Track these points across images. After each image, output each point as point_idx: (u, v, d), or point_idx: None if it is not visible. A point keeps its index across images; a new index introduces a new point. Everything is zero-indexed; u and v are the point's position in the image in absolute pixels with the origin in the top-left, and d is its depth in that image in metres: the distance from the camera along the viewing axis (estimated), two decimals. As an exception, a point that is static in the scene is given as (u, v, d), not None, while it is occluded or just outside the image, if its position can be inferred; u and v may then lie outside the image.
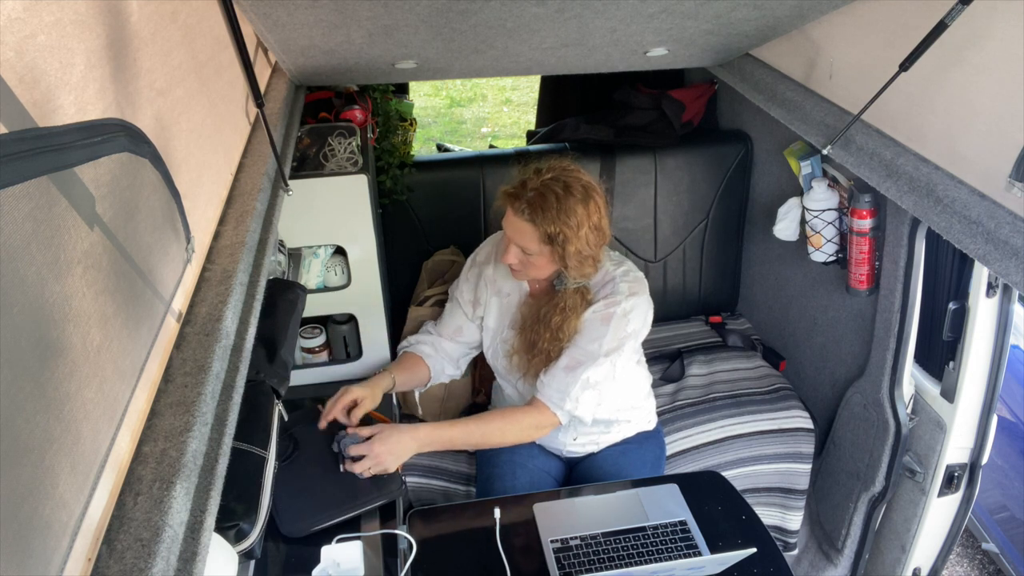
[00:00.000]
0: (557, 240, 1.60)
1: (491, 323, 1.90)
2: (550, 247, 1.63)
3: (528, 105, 6.64)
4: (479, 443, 1.76)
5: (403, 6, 1.31)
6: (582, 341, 1.69)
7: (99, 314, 0.61)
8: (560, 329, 1.70)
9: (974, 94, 1.24)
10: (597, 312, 1.70)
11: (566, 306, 1.71)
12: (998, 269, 1.19)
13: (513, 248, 1.67)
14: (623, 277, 1.73)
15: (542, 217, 1.59)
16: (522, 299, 1.86)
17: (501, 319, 1.89)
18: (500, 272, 1.89)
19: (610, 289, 1.72)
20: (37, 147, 0.51)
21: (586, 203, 1.61)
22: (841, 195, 2.01)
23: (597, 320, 1.70)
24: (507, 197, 1.66)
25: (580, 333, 1.70)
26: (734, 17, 1.55)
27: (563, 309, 1.71)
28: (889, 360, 1.95)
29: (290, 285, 1.65)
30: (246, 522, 1.16)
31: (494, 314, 1.90)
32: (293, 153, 1.72)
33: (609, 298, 1.70)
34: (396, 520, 1.60)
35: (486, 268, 1.92)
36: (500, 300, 1.89)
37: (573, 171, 1.66)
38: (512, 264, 1.70)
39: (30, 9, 0.52)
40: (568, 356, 1.69)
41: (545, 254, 1.65)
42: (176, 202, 0.84)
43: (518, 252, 1.67)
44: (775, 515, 2.32)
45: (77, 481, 0.56)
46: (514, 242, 1.66)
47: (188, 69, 0.94)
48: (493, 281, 1.90)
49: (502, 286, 1.89)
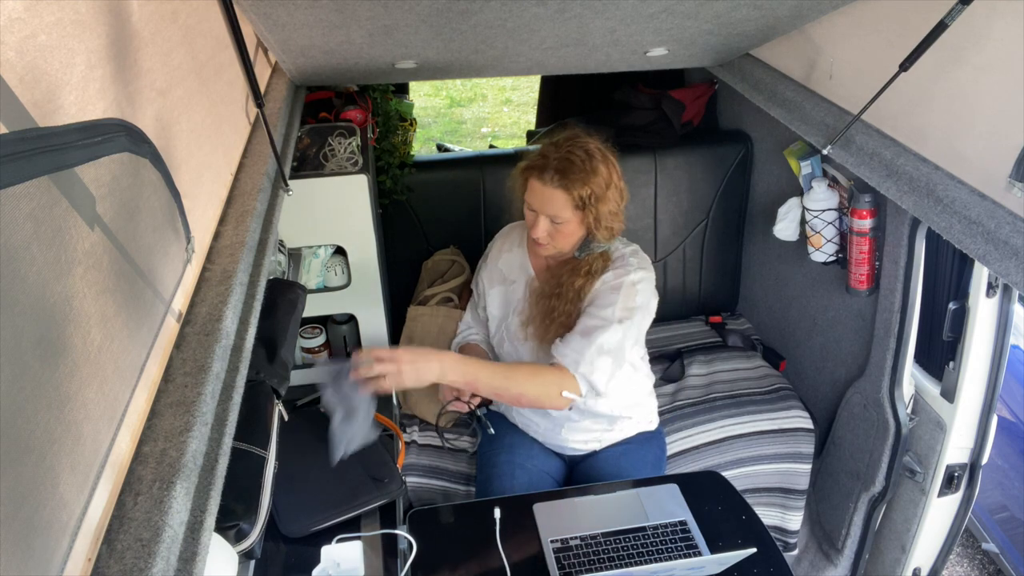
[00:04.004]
0: (590, 202, 1.64)
1: (495, 311, 1.93)
2: (582, 212, 1.66)
3: (528, 105, 6.64)
4: (500, 387, 1.62)
5: (403, 6, 1.31)
6: (594, 309, 1.71)
7: (99, 314, 0.61)
8: (582, 290, 1.73)
9: (974, 94, 1.25)
10: (607, 282, 1.73)
11: (591, 269, 1.74)
12: (998, 269, 1.19)
13: (542, 221, 1.69)
14: (632, 255, 1.79)
15: (572, 181, 1.63)
16: (529, 282, 1.89)
17: (506, 306, 1.91)
18: (506, 261, 1.92)
19: (620, 263, 1.76)
20: (37, 147, 0.51)
21: (606, 163, 1.67)
22: (841, 195, 2.01)
23: (607, 289, 1.73)
24: (531, 170, 1.69)
25: (592, 303, 1.72)
26: (734, 17, 1.55)
27: (587, 272, 1.74)
28: (889, 360, 1.95)
29: (290, 285, 1.65)
30: (246, 522, 1.16)
31: (497, 302, 1.93)
32: (293, 153, 1.72)
33: (619, 270, 1.74)
34: (396, 520, 1.60)
35: (487, 260, 1.97)
36: (504, 288, 1.92)
37: (585, 137, 1.71)
38: (540, 238, 1.71)
39: (31, 9, 0.52)
40: (582, 323, 1.70)
41: (575, 220, 1.68)
42: (176, 202, 0.84)
43: (547, 224, 1.69)
44: (775, 515, 2.32)
45: (77, 481, 0.56)
46: (544, 213, 1.68)
47: (188, 69, 0.94)
48: (497, 271, 1.93)
49: (507, 274, 1.92)
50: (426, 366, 1.51)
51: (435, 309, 2.22)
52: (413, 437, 2.17)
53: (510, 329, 1.89)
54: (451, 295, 2.28)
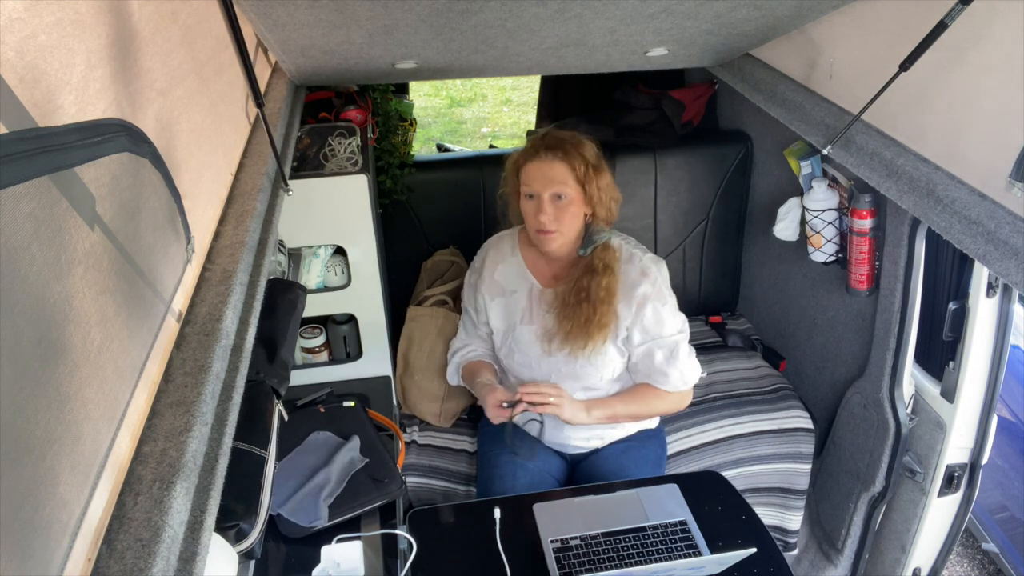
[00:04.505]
0: (588, 175, 1.70)
1: (497, 324, 1.91)
2: (582, 188, 1.70)
3: (528, 105, 6.64)
4: (635, 413, 1.88)
5: (403, 6, 1.31)
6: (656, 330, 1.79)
7: (99, 314, 0.61)
8: (610, 287, 1.75)
9: (974, 94, 1.24)
10: (648, 298, 1.77)
11: (606, 264, 1.76)
12: (998, 269, 1.19)
13: (547, 204, 1.69)
14: (643, 254, 1.84)
15: (568, 153, 1.69)
16: (532, 290, 1.86)
17: (509, 317, 1.89)
18: (501, 272, 1.90)
19: (629, 258, 1.80)
20: (38, 147, 0.51)
21: (589, 141, 1.75)
22: (841, 195, 2.01)
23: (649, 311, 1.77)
24: (525, 156, 1.74)
25: (646, 329, 1.79)
26: (734, 17, 1.55)
27: (605, 268, 1.76)
28: (889, 360, 1.94)
29: (290, 285, 1.65)
30: (246, 522, 1.16)
31: (498, 314, 1.90)
32: (293, 153, 1.72)
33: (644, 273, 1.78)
34: (396, 520, 1.60)
35: (483, 273, 1.93)
36: (505, 300, 1.89)
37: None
38: (546, 223, 1.70)
39: (31, 9, 0.52)
40: (660, 353, 1.80)
41: (578, 198, 1.72)
42: (176, 202, 0.84)
43: (551, 207, 1.70)
44: (775, 515, 2.32)
45: (77, 481, 0.56)
46: (547, 192, 1.69)
47: (188, 69, 0.94)
48: (494, 283, 1.90)
49: (506, 285, 1.89)
50: (577, 406, 1.77)
51: (434, 310, 2.22)
52: (413, 437, 2.17)
53: (519, 341, 1.87)
54: (447, 297, 2.28)
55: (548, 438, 1.96)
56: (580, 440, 1.94)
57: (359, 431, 1.77)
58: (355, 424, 1.81)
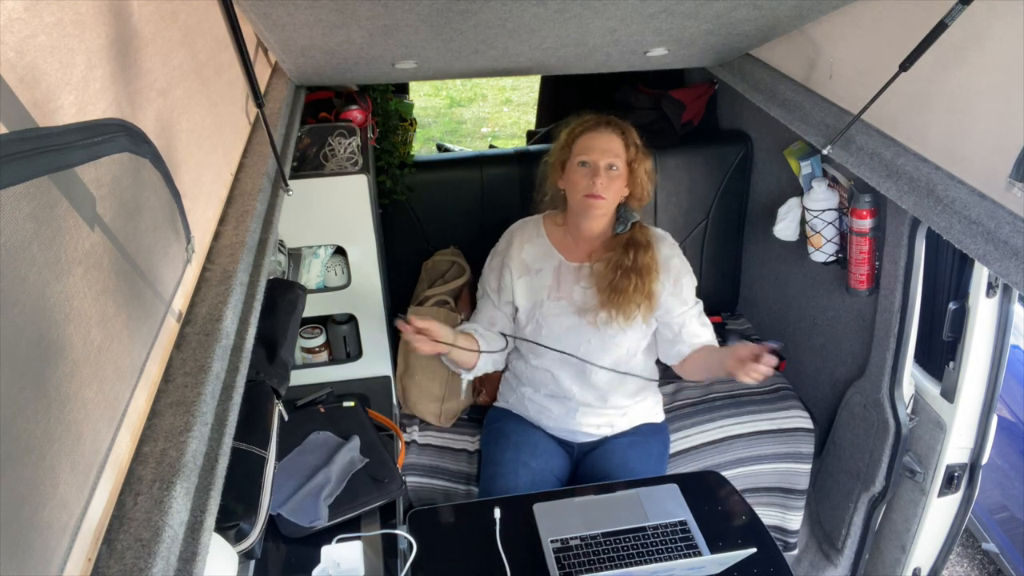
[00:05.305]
0: (638, 156, 1.84)
1: (523, 301, 1.94)
2: (629, 167, 1.83)
3: (528, 105, 6.64)
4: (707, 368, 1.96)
5: (403, 6, 1.31)
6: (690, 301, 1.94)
7: (100, 314, 0.61)
8: (653, 260, 1.88)
9: (974, 94, 1.24)
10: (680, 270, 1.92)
11: (646, 238, 1.89)
12: (998, 269, 1.19)
13: (601, 170, 1.78)
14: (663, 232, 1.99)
15: (627, 134, 1.83)
16: (559, 267, 1.92)
17: (534, 295, 1.92)
18: (528, 251, 1.94)
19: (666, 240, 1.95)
20: (38, 147, 0.51)
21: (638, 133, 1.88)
22: (841, 195, 2.01)
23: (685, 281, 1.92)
24: (589, 123, 1.85)
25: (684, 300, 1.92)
26: (734, 17, 1.55)
27: (646, 244, 1.88)
28: (889, 360, 1.94)
29: (290, 285, 1.65)
30: (246, 522, 1.16)
31: (524, 292, 1.93)
32: (293, 153, 1.72)
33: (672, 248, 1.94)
34: (396, 520, 1.60)
35: (509, 253, 1.96)
36: (530, 278, 1.93)
37: None
38: (599, 187, 1.78)
39: (31, 9, 0.52)
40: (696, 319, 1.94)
41: (624, 175, 1.83)
42: (176, 202, 0.84)
43: (604, 174, 1.79)
44: (775, 515, 2.32)
45: (77, 481, 0.56)
46: (603, 161, 1.79)
47: (188, 69, 0.94)
48: (521, 262, 1.94)
49: (531, 264, 1.93)
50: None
51: (435, 311, 2.22)
52: (413, 437, 2.17)
53: (547, 315, 1.91)
54: (448, 298, 2.28)
55: (558, 425, 1.96)
56: (590, 427, 1.95)
57: (359, 431, 1.77)
58: (355, 424, 1.82)
